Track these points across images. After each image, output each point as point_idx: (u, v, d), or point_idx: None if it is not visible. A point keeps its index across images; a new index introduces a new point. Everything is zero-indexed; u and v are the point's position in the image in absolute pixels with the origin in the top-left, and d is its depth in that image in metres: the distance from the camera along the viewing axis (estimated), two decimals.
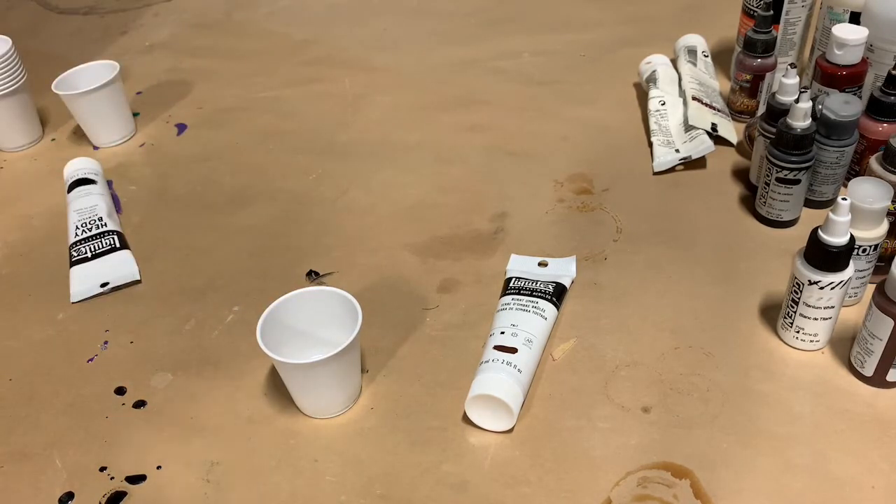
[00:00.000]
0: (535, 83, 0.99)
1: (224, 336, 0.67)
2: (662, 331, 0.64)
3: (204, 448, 0.58)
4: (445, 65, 1.05)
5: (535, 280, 0.66)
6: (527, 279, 0.66)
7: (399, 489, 0.54)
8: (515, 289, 0.65)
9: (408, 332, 0.66)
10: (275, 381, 0.62)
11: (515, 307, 0.63)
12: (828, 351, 0.61)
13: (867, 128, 0.70)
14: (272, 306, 0.58)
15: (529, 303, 0.63)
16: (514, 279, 0.66)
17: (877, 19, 0.73)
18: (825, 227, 0.55)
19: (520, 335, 0.59)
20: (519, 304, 0.63)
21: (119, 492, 0.55)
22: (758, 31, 0.80)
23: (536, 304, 0.63)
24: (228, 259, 0.75)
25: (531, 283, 0.65)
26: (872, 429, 0.55)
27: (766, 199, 0.72)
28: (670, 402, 0.58)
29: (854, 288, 0.63)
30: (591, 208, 0.77)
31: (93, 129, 0.94)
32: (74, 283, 0.73)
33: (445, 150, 0.88)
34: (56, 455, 0.58)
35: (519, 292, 0.64)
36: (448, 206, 0.79)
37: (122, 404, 0.62)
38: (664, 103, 0.86)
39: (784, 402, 0.57)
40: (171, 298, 0.72)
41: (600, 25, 1.10)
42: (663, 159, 0.81)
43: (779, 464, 0.53)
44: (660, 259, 0.71)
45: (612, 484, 0.53)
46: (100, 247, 0.76)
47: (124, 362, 0.65)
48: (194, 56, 1.14)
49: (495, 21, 1.14)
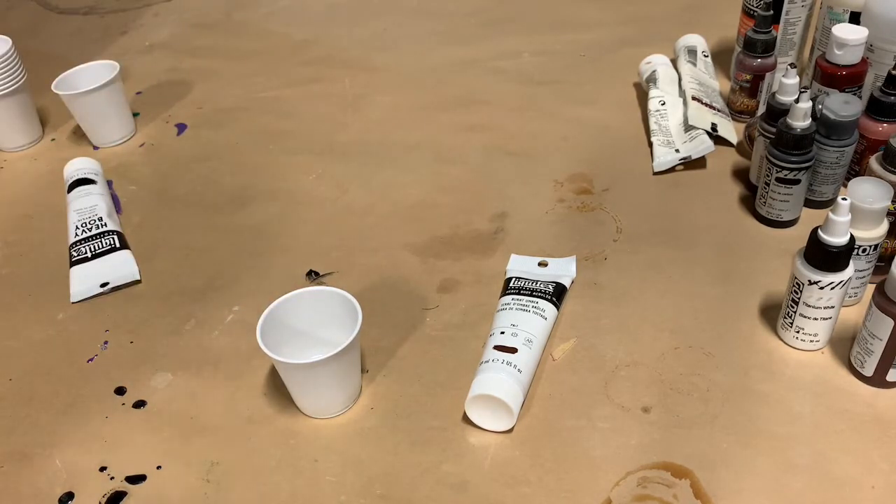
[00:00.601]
0: (534, 83, 0.99)
1: (224, 336, 0.67)
2: (662, 331, 0.64)
3: (204, 448, 0.58)
4: (445, 65, 1.05)
5: (535, 280, 0.66)
6: (527, 279, 0.66)
7: (399, 489, 0.54)
8: (515, 289, 0.65)
9: (408, 332, 0.66)
10: (275, 381, 0.62)
11: (515, 307, 0.63)
12: (828, 351, 0.61)
13: (867, 128, 0.70)
14: (272, 306, 0.58)
15: (529, 303, 0.63)
16: (514, 279, 0.66)
17: (877, 19, 0.73)
18: (825, 227, 0.55)
19: (520, 335, 0.59)
20: (519, 304, 0.63)
21: (119, 492, 0.55)
22: (758, 31, 0.80)
23: (536, 304, 0.63)
24: (228, 259, 0.75)
25: (531, 283, 0.65)
26: (872, 429, 0.55)
27: (766, 199, 0.72)
28: (670, 402, 0.58)
29: (854, 288, 0.63)
30: (591, 208, 0.77)
31: (93, 129, 0.94)
32: (74, 283, 0.73)
33: (445, 150, 0.88)
34: (56, 455, 0.58)
35: (519, 292, 0.64)
36: (448, 206, 0.79)
37: (122, 404, 0.62)
38: (664, 103, 0.86)
39: (784, 402, 0.57)
40: (171, 298, 0.72)
41: (600, 25, 1.10)
42: (663, 159, 0.81)
43: (779, 464, 0.53)
44: (660, 259, 0.71)
45: (612, 484, 0.53)
46: (100, 247, 0.76)
47: (124, 362, 0.65)
48: (194, 56, 1.14)
49: (495, 21, 1.14)
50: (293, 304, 0.59)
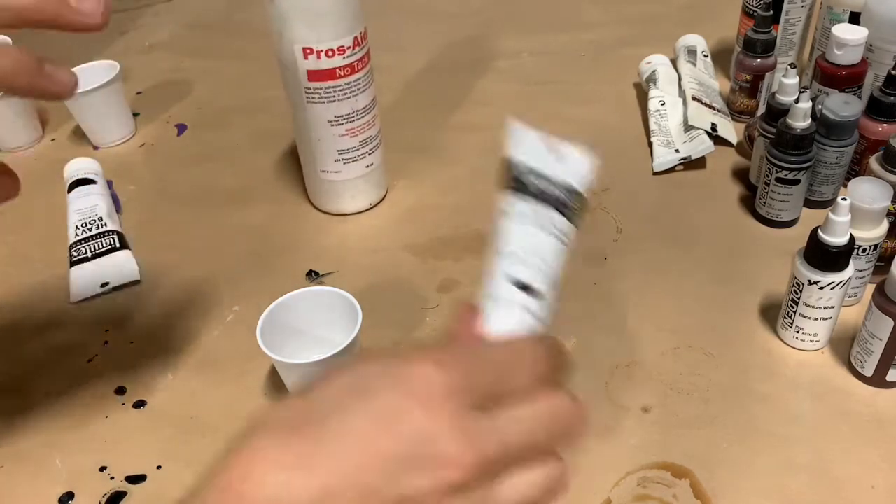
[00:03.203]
0: (534, 83, 0.98)
1: (224, 336, 0.67)
2: (662, 331, 0.64)
3: (204, 448, 0.58)
4: (445, 64, 1.05)
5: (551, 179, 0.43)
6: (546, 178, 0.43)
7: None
8: (535, 192, 0.43)
9: (408, 332, 0.66)
10: (275, 381, 0.62)
11: (536, 225, 0.42)
12: (828, 351, 0.61)
13: (867, 128, 0.70)
14: (272, 306, 0.58)
15: (553, 225, 0.41)
16: (532, 174, 0.44)
17: (877, 19, 0.73)
18: (825, 227, 0.55)
19: (543, 270, 0.40)
20: (541, 220, 0.42)
21: (119, 492, 0.55)
22: (758, 31, 0.80)
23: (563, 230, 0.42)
24: (228, 259, 0.75)
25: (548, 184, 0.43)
26: (872, 429, 0.55)
27: (766, 199, 0.72)
28: (670, 401, 0.58)
29: (854, 288, 0.63)
30: (590, 208, 0.77)
31: (93, 129, 0.94)
32: (74, 284, 0.73)
33: (445, 150, 0.88)
34: (56, 455, 0.58)
35: (542, 197, 0.42)
36: (448, 206, 0.79)
37: (122, 404, 0.62)
38: (664, 103, 0.86)
39: (784, 401, 0.57)
40: (171, 298, 0.72)
41: (600, 25, 1.10)
42: (663, 159, 0.81)
43: (779, 463, 0.53)
44: (660, 259, 0.71)
45: (612, 484, 0.53)
46: (100, 247, 0.76)
47: (124, 362, 0.65)
48: (194, 56, 1.14)
49: (495, 21, 1.14)
50: (293, 304, 0.59)
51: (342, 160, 0.74)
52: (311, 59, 0.67)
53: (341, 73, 0.69)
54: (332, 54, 0.67)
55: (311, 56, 0.67)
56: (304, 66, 0.68)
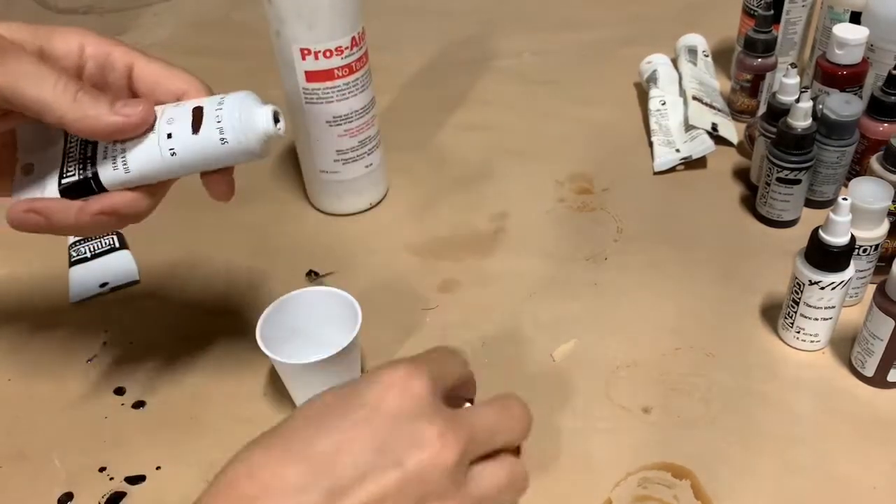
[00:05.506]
0: (535, 83, 0.98)
1: (224, 336, 0.67)
2: (663, 331, 0.64)
3: (204, 448, 0.58)
4: (445, 64, 1.05)
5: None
6: None
7: None
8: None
9: (408, 332, 0.66)
10: (275, 381, 0.62)
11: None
12: (828, 351, 0.61)
13: (868, 128, 0.70)
14: (272, 306, 0.58)
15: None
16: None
17: (878, 19, 0.73)
18: (826, 227, 0.55)
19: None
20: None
21: (119, 492, 0.55)
22: (758, 30, 0.80)
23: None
24: (229, 259, 0.75)
25: None
26: (873, 429, 0.55)
27: (767, 198, 0.71)
28: (671, 402, 0.58)
29: (854, 288, 0.63)
30: (591, 208, 0.77)
31: None
32: (74, 284, 0.73)
33: (445, 150, 0.88)
34: (56, 455, 0.58)
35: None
36: (448, 206, 0.79)
37: (122, 404, 0.62)
38: (664, 103, 0.86)
39: (785, 402, 0.57)
40: (170, 298, 0.72)
41: (600, 25, 1.10)
42: (664, 159, 0.81)
43: (779, 464, 0.53)
44: (660, 259, 0.71)
45: (613, 484, 0.53)
46: (99, 247, 0.76)
47: (124, 362, 0.65)
48: (194, 56, 1.14)
49: (495, 20, 1.14)
50: (293, 304, 0.59)
51: (341, 160, 0.74)
52: (309, 59, 0.67)
53: (339, 74, 0.69)
54: (330, 55, 0.67)
55: (309, 57, 0.67)
56: (302, 66, 0.68)
